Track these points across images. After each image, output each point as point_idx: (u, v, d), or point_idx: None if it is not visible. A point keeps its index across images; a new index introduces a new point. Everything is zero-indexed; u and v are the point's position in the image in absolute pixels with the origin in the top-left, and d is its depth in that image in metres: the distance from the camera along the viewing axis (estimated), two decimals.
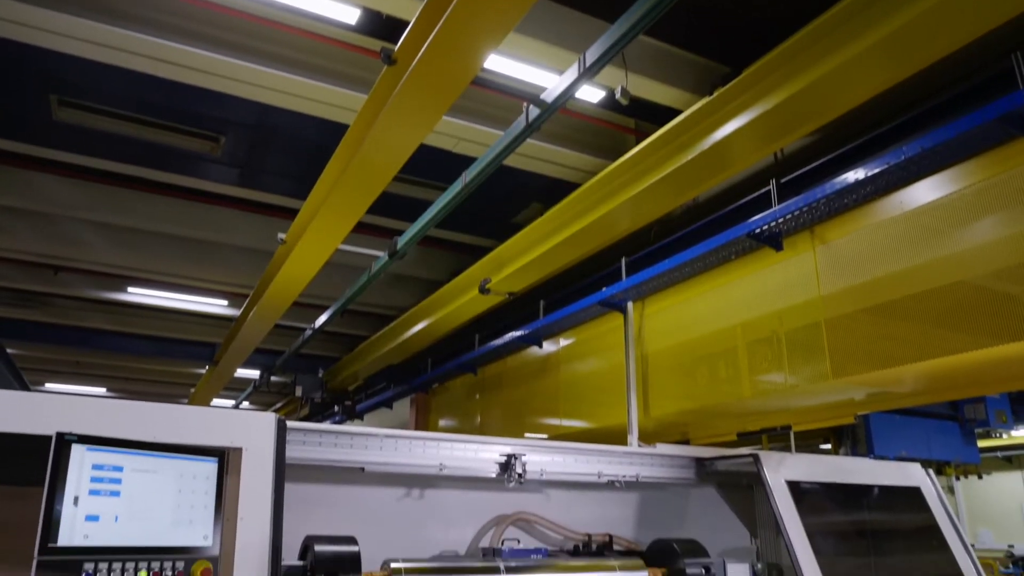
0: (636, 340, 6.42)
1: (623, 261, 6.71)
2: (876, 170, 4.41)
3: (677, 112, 5.30)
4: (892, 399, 5.49)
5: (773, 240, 5.23)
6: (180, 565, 2.08)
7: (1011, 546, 17.45)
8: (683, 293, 6.16)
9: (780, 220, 5.02)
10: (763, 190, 5.42)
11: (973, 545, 5.14)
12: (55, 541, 1.86)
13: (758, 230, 5.17)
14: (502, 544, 4.20)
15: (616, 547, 4.60)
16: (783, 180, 5.37)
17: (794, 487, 4.53)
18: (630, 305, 6.49)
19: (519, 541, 4.30)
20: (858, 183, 4.53)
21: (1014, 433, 12.35)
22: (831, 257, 4.87)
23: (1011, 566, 16.43)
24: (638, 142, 5.59)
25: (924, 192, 4.38)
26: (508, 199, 7.91)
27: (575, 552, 4.45)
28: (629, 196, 5.59)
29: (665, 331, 6.33)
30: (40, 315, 11.16)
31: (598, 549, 4.50)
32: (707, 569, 4.24)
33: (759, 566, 4.60)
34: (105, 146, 7.02)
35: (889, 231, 4.51)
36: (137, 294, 10.28)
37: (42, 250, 8.76)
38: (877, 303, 4.52)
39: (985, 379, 4.74)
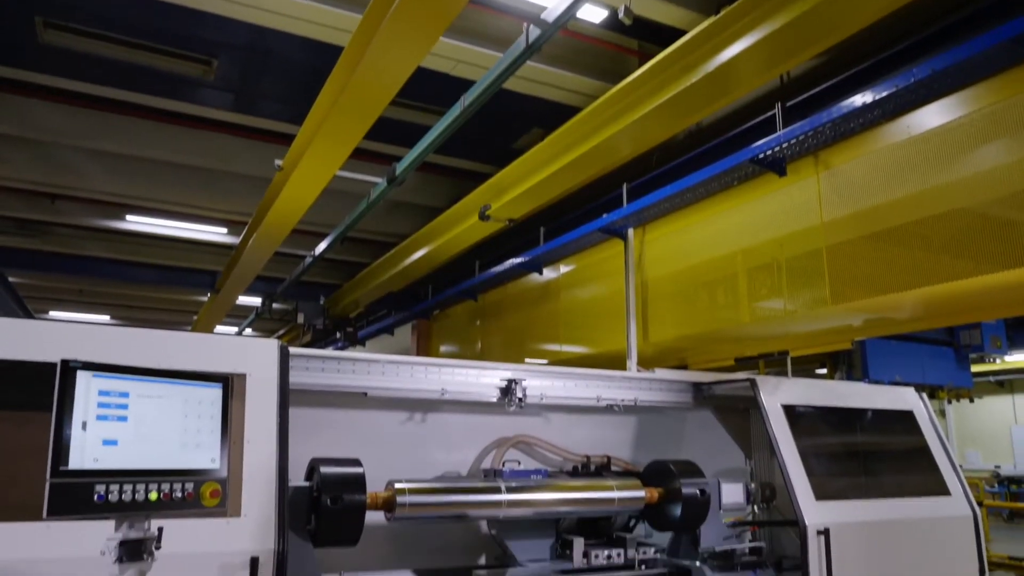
0: (636, 266, 6.43)
1: (624, 187, 6.65)
2: (884, 93, 4.32)
3: (682, 33, 5.15)
4: (890, 325, 5.54)
5: (776, 165, 5.17)
6: (189, 486, 2.13)
7: (998, 467, 17.98)
8: (684, 219, 6.13)
9: (784, 145, 4.94)
10: (768, 114, 5.32)
11: (961, 466, 5.28)
12: (66, 464, 1.91)
13: (761, 155, 5.10)
14: (503, 465, 4.32)
15: (614, 468, 4.72)
16: (789, 104, 5.26)
17: (789, 411, 4.62)
18: (631, 232, 6.47)
19: (519, 463, 4.42)
20: (865, 107, 4.44)
21: (1008, 358, 12.52)
22: (834, 183, 4.82)
23: (996, 485, 16.96)
24: (641, 64, 5.44)
25: (932, 116, 4.29)
26: (508, 124, 7.78)
27: (574, 473, 4.57)
28: (631, 120, 5.49)
29: (665, 257, 6.33)
30: (40, 244, 11.15)
31: (596, 470, 4.62)
32: (702, 489, 4.37)
33: (753, 486, 4.73)
34: (95, 70, 6.86)
35: (894, 156, 4.45)
36: (136, 222, 10.24)
37: (38, 178, 8.68)
38: (878, 229, 4.50)
39: (983, 305, 4.76)
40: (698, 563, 4.32)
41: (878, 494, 4.70)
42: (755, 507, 4.87)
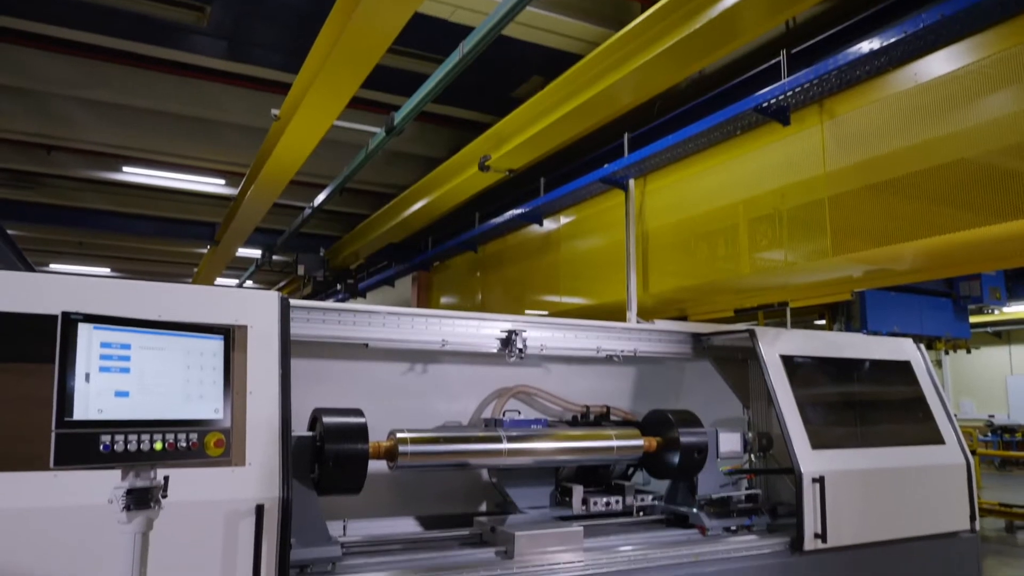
0: (637, 217, 6.40)
1: (626, 137, 6.58)
2: (892, 39, 4.22)
3: None
4: (890, 276, 5.54)
5: (780, 114, 5.10)
6: (194, 436, 2.16)
7: (991, 416, 18.22)
8: (685, 169, 6.07)
9: (789, 93, 4.87)
10: (772, 61, 5.23)
11: (956, 415, 5.35)
12: (71, 416, 1.92)
13: (765, 104, 5.02)
14: (503, 415, 4.37)
15: (613, 418, 4.78)
16: (794, 51, 5.16)
17: (788, 361, 4.66)
18: (632, 182, 6.42)
19: (519, 412, 4.47)
20: (872, 54, 4.35)
21: (1006, 309, 12.57)
22: (839, 132, 4.76)
23: (989, 434, 17.20)
24: (643, 10, 5.32)
25: (939, 64, 4.21)
26: (508, 72, 7.65)
27: (573, 422, 4.63)
28: (633, 68, 5.38)
29: (666, 208, 6.29)
30: (37, 196, 11.08)
31: (596, 420, 4.68)
32: (700, 438, 4.43)
33: (750, 435, 4.80)
34: (88, 17, 6.72)
35: (900, 105, 4.38)
36: (133, 173, 10.15)
37: (33, 129, 8.58)
38: (881, 180, 4.46)
39: (985, 256, 4.75)
40: (695, 510, 4.41)
41: (873, 443, 4.76)
42: (752, 456, 4.94)
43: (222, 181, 10.51)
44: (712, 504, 4.47)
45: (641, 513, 4.52)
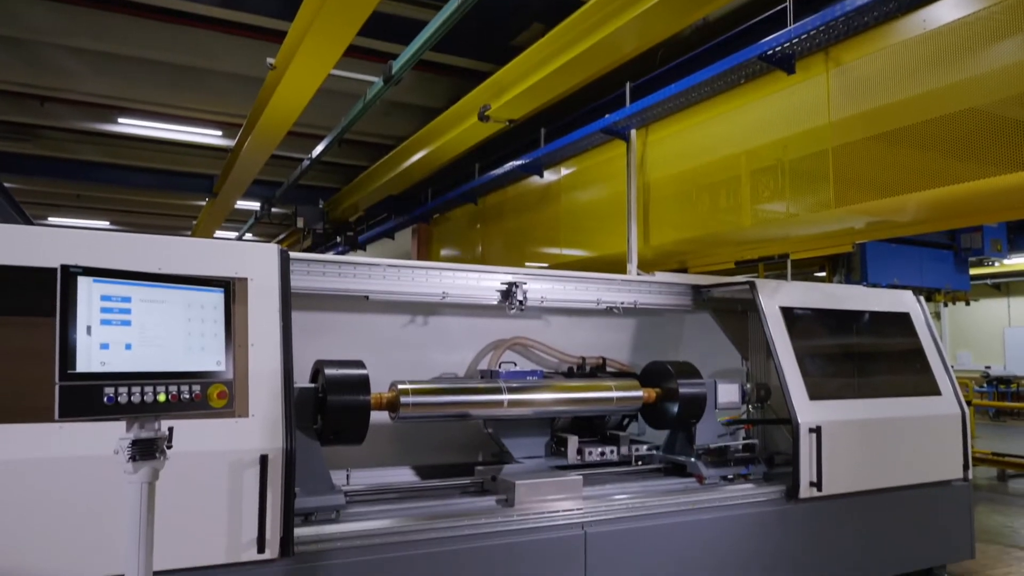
0: (638, 168, 6.35)
1: (627, 86, 6.47)
2: None
3: None
4: (892, 228, 5.51)
5: (785, 63, 5.00)
6: (196, 388, 2.17)
7: (988, 367, 18.35)
8: (688, 120, 5.99)
9: (794, 41, 4.77)
10: (778, 8, 5.10)
11: (953, 367, 5.38)
12: (73, 368, 1.93)
13: (770, 52, 4.93)
14: (499, 367, 4.39)
15: (610, 369, 4.81)
16: None
17: (787, 313, 4.67)
18: (633, 133, 6.35)
19: (515, 364, 4.50)
20: None
21: (1007, 261, 12.53)
22: (844, 81, 4.68)
23: (985, 385, 17.36)
24: None
25: (949, 10, 4.11)
26: (508, 19, 7.48)
27: (569, 374, 4.66)
28: (635, 14, 5.25)
29: (668, 159, 6.23)
30: (32, 148, 10.96)
31: (591, 371, 4.71)
32: (699, 389, 4.47)
33: (748, 386, 4.84)
34: None
35: (908, 53, 4.30)
36: (128, 124, 10.02)
37: (25, 80, 8.43)
38: (886, 130, 4.40)
39: (988, 208, 4.72)
40: (693, 459, 4.47)
41: (871, 394, 4.81)
42: (750, 406, 4.99)
43: (219, 132, 10.38)
44: (710, 454, 4.53)
45: (640, 462, 4.59)
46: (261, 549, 2.89)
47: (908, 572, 4.92)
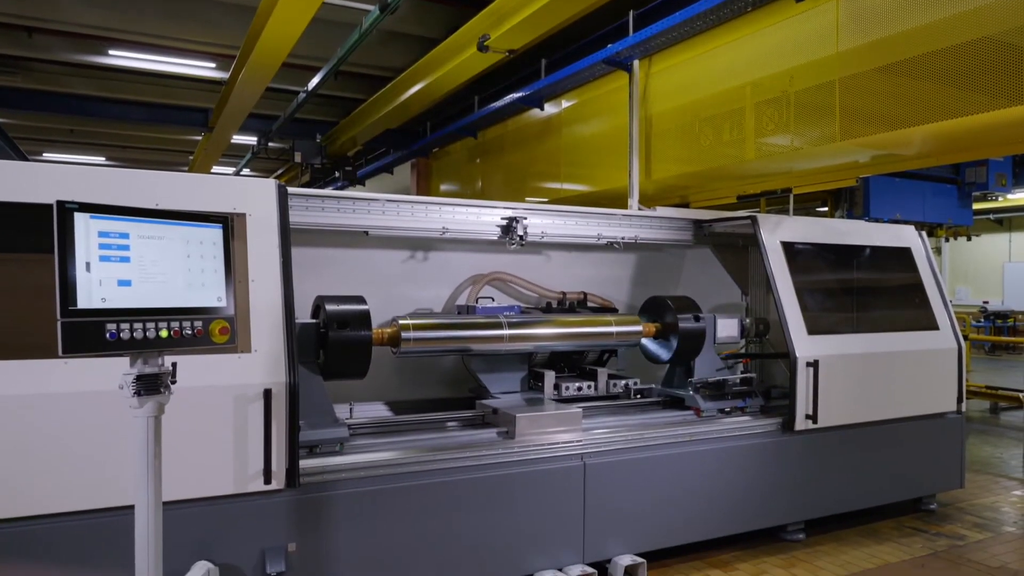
0: (640, 101, 6.23)
1: (630, 15, 6.28)
2: None
3: None
4: (897, 162, 5.44)
5: None
6: (198, 324, 2.18)
7: (986, 302, 18.45)
8: (692, 50, 5.84)
9: None
10: None
11: (951, 301, 5.40)
12: (74, 304, 1.93)
13: None
14: (476, 302, 4.37)
15: (591, 304, 4.78)
16: None
17: (788, 248, 4.66)
18: (636, 63, 6.20)
19: (493, 299, 4.46)
20: None
21: (1010, 196, 12.44)
22: (854, 9, 4.54)
23: (982, 319, 17.48)
24: None
25: None
26: None
27: (547, 309, 4.62)
28: None
29: (671, 91, 6.11)
30: (23, 81, 10.72)
31: (570, 306, 4.68)
32: (698, 323, 4.49)
33: (747, 320, 4.87)
34: None
35: None
36: (119, 57, 9.78)
37: (11, 9, 8.19)
38: (896, 60, 4.29)
39: (995, 141, 4.64)
40: (691, 392, 4.53)
41: (869, 328, 4.84)
42: (748, 341, 5.03)
43: (213, 64, 10.14)
44: (708, 387, 4.59)
45: (639, 396, 4.65)
46: (268, 480, 2.96)
47: (898, 501, 5.06)
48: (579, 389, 4.43)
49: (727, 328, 4.71)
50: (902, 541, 4.64)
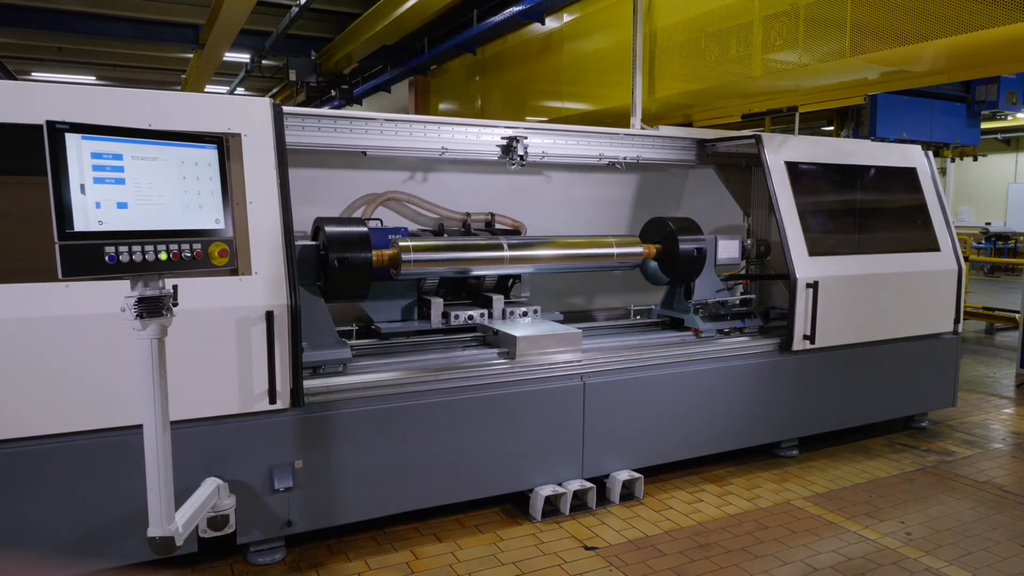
0: (645, 14, 6.02)
1: None
2: None
3: None
4: (907, 79, 5.31)
5: None
6: (197, 247, 2.16)
7: (988, 223, 18.37)
8: None
9: None
10: None
11: (953, 223, 5.37)
12: (71, 227, 1.91)
13: None
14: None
15: (499, 226, 4.53)
16: None
17: (792, 168, 4.59)
18: None
19: (381, 221, 4.16)
20: None
21: (1020, 115, 12.21)
22: None
23: (984, 241, 17.45)
24: None
25: None
26: None
27: (438, 232, 4.29)
28: None
29: (676, 4, 5.90)
30: None
31: (476, 230, 4.40)
32: (698, 245, 4.48)
33: (748, 242, 4.85)
34: None
35: None
36: None
37: None
38: None
39: (1010, 57, 4.51)
40: (690, 313, 4.56)
41: (871, 250, 4.83)
42: (749, 262, 5.03)
43: None
44: (707, 308, 4.61)
45: (638, 316, 4.69)
46: (272, 400, 3.02)
47: (889, 419, 5.17)
48: (470, 318, 4.12)
49: (728, 249, 4.69)
50: (892, 457, 4.76)
